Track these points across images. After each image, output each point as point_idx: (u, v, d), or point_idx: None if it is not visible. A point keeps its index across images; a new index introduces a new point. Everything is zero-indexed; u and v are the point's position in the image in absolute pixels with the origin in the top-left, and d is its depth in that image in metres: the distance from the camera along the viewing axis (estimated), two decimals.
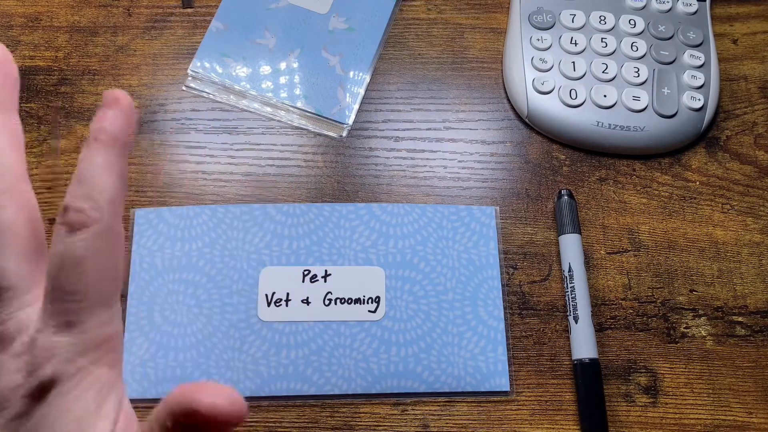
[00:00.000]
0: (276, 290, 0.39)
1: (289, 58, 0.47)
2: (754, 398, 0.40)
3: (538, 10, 0.47)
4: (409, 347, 0.39)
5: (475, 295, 0.40)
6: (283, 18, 0.48)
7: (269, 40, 0.47)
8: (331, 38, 0.47)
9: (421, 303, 0.40)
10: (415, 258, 0.41)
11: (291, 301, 0.39)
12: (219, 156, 0.44)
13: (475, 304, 0.40)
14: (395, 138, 0.45)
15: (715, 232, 0.44)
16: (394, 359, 0.39)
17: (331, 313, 0.39)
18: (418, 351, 0.39)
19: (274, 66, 0.46)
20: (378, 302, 0.40)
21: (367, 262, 0.41)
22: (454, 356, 0.39)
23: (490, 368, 0.39)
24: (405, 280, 0.40)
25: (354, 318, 0.39)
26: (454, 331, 0.39)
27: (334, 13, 0.48)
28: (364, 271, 0.40)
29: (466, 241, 0.41)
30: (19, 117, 0.25)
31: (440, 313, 0.40)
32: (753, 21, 0.50)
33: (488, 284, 0.41)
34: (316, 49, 0.47)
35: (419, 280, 0.40)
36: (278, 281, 0.40)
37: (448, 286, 0.40)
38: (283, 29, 0.47)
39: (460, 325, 0.40)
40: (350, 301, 0.40)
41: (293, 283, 0.40)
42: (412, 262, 0.41)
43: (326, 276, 0.40)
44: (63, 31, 0.47)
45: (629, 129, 0.44)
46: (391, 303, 0.40)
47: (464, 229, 0.42)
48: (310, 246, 0.41)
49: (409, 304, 0.40)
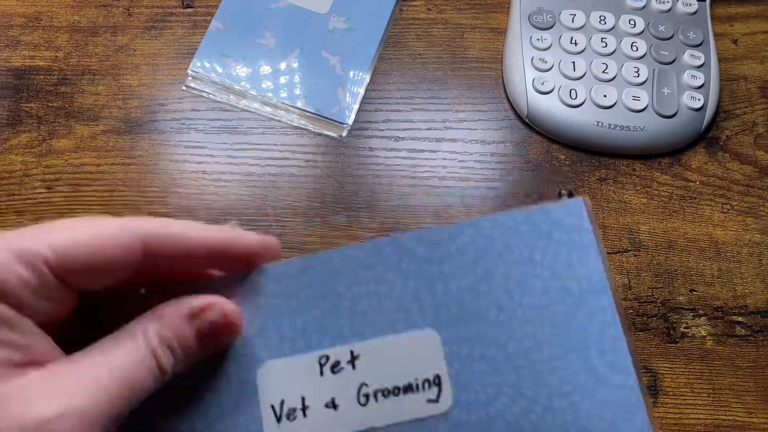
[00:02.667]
0: (285, 396, 0.26)
1: (289, 58, 0.47)
2: (754, 398, 0.40)
3: (538, 10, 0.47)
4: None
5: (584, 341, 0.26)
6: (283, 18, 0.48)
7: (269, 40, 0.47)
8: (331, 38, 0.47)
9: (505, 373, 0.26)
10: (481, 304, 0.27)
11: (309, 408, 0.26)
12: (219, 156, 0.44)
13: (586, 356, 0.26)
14: (395, 138, 0.45)
15: (715, 232, 0.44)
16: None
17: (373, 414, 0.26)
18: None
19: (274, 66, 0.46)
20: (439, 384, 0.26)
21: (409, 325, 0.27)
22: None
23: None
24: (472, 342, 0.26)
25: (409, 416, 0.26)
26: (562, 405, 0.25)
27: (334, 13, 0.48)
28: (408, 340, 0.26)
29: (551, 261, 0.27)
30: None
31: (537, 381, 0.26)
32: (753, 21, 0.50)
33: (599, 319, 0.26)
34: (316, 49, 0.47)
35: (494, 337, 0.26)
36: (286, 382, 0.26)
37: (539, 337, 0.26)
38: (283, 29, 0.47)
39: (570, 394, 0.25)
40: (397, 391, 0.26)
41: (308, 381, 0.26)
42: (477, 311, 0.27)
43: (353, 360, 0.26)
44: (63, 31, 0.47)
45: (629, 129, 0.44)
46: (459, 382, 0.26)
47: (545, 243, 0.27)
48: (322, 319, 0.27)
49: (487, 378, 0.26)
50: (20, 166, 0.43)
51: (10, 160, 0.44)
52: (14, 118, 0.44)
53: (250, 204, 0.43)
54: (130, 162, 0.44)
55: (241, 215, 0.43)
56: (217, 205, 0.43)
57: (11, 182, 0.43)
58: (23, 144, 0.44)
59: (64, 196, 0.43)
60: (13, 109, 0.45)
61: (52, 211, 0.42)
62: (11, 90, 0.45)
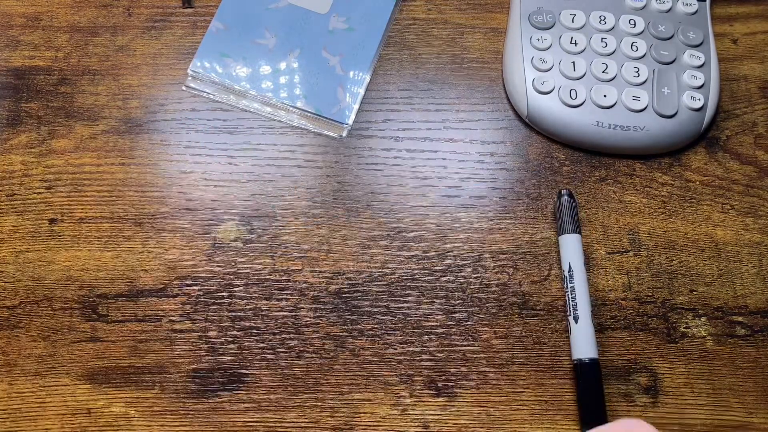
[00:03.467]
0: None
1: (289, 58, 0.47)
2: (754, 398, 0.40)
3: (538, 10, 0.47)
4: None
5: None
6: (283, 18, 0.48)
7: (269, 40, 0.47)
8: (331, 38, 0.47)
9: None
10: None
11: None
12: (219, 156, 0.44)
13: None
14: (395, 138, 0.45)
15: (715, 232, 0.44)
16: None
17: None
18: None
19: (274, 66, 0.46)
20: None
21: None
22: None
23: None
24: None
25: None
26: None
27: (334, 13, 0.48)
28: None
29: None
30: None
31: None
32: (753, 21, 0.50)
33: None
34: (316, 49, 0.47)
35: None
36: None
37: None
38: (283, 29, 0.47)
39: None
40: None
41: None
42: None
43: None
44: (63, 31, 0.47)
45: (629, 129, 0.44)
46: None
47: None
48: None
49: None
50: (20, 166, 0.43)
51: (10, 160, 0.44)
52: (14, 118, 0.44)
53: (250, 204, 0.43)
54: (130, 162, 0.44)
55: (241, 215, 0.43)
56: (217, 205, 0.43)
57: (11, 182, 0.43)
58: (23, 144, 0.44)
59: (64, 196, 0.43)
60: (13, 109, 0.45)
61: (52, 211, 0.42)
62: (11, 90, 0.45)
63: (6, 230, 0.42)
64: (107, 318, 0.40)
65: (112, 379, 0.39)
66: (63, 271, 0.41)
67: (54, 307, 0.40)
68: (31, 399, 0.38)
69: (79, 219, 0.42)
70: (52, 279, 0.41)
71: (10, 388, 0.38)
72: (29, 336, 0.40)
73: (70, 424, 0.38)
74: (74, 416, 0.38)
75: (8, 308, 0.40)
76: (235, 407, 0.39)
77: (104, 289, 0.41)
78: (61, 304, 0.40)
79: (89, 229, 0.42)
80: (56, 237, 0.42)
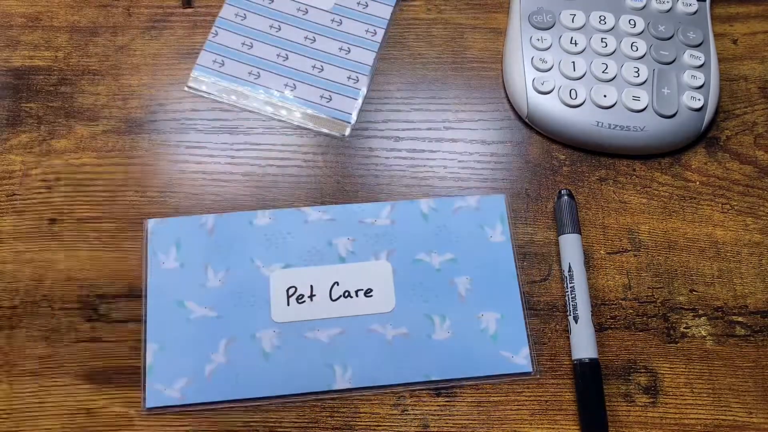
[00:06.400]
0: None
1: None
2: (754, 398, 0.40)
3: (538, 10, 0.47)
4: None
5: None
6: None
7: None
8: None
9: None
10: None
11: None
12: (219, 156, 0.44)
13: None
14: (395, 138, 0.45)
15: (715, 232, 0.44)
16: None
17: None
18: None
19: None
20: None
21: None
22: None
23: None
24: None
25: None
26: None
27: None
28: None
29: None
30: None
31: None
32: (753, 21, 0.50)
33: None
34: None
35: None
36: None
37: None
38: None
39: None
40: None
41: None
42: None
43: None
44: (63, 31, 0.47)
45: (629, 129, 0.44)
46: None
47: None
48: None
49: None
50: (20, 166, 0.43)
51: (10, 160, 0.44)
52: (14, 118, 0.44)
53: (250, 204, 0.43)
54: (130, 162, 0.44)
55: None
56: (217, 205, 0.43)
57: (11, 182, 0.43)
58: (23, 144, 0.44)
59: (64, 196, 0.43)
60: (13, 109, 0.45)
61: (52, 211, 0.42)
62: (11, 90, 0.45)
63: (6, 230, 0.42)
64: (107, 318, 0.40)
65: (112, 379, 0.39)
66: (63, 271, 0.41)
67: (54, 307, 0.40)
68: (31, 399, 0.38)
69: (79, 219, 0.42)
70: (52, 279, 0.41)
71: (10, 388, 0.38)
72: (29, 336, 0.40)
73: (70, 424, 0.38)
74: (74, 416, 0.38)
75: (8, 308, 0.40)
76: (235, 407, 0.38)
77: (104, 289, 0.41)
78: (61, 304, 0.40)
79: (89, 229, 0.42)
80: (56, 237, 0.42)
